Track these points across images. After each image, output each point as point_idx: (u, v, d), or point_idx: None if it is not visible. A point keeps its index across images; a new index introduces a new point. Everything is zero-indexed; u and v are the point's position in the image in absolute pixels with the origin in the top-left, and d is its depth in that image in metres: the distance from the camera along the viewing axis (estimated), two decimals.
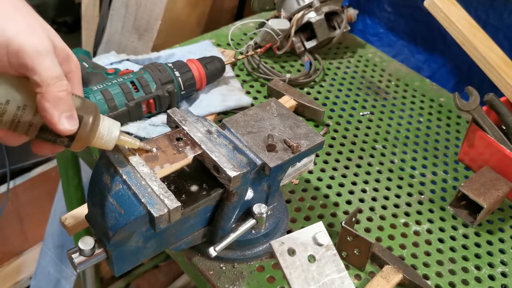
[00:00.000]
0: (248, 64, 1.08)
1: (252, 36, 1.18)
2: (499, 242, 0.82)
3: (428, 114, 1.07)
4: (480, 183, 0.83)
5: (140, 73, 0.84)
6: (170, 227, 0.58)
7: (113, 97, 0.79)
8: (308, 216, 0.80)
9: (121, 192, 0.54)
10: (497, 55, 0.95)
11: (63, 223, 0.71)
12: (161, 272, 1.66)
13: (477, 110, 0.89)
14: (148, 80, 0.83)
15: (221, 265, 0.71)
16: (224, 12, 1.66)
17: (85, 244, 0.57)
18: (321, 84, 1.10)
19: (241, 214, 0.68)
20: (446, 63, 1.21)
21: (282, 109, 0.72)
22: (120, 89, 0.81)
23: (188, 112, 0.66)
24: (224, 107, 0.92)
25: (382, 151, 0.96)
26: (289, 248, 0.60)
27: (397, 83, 1.14)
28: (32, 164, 1.61)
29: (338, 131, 0.98)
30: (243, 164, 0.60)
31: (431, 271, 0.75)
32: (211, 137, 0.62)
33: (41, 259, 1.50)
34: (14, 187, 1.52)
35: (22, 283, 1.62)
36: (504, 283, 0.76)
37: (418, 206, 0.86)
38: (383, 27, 1.29)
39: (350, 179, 0.88)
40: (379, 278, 0.70)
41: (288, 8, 1.10)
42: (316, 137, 0.68)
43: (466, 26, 0.96)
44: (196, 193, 0.61)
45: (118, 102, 0.80)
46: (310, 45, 1.13)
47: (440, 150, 0.99)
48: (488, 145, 0.88)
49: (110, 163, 0.56)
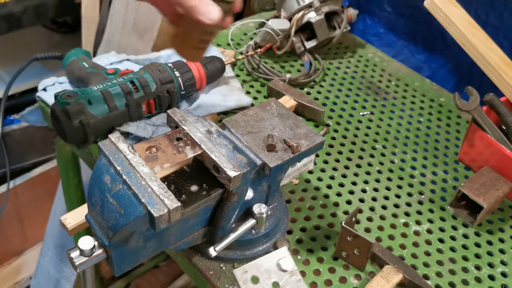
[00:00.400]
0: (248, 64, 1.08)
1: (252, 36, 1.18)
2: (499, 242, 0.82)
3: (428, 114, 1.07)
4: (480, 183, 0.83)
5: (140, 73, 0.84)
6: (170, 227, 0.58)
7: (112, 97, 0.79)
8: (308, 216, 0.80)
9: (121, 192, 0.54)
10: (497, 55, 0.95)
11: (63, 223, 0.71)
12: (161, 272, 1.66)
13: (477, 110, 0.89)
14: (148, 80, 0.83)
15: (221, 265, 0.71)
16: None
17: (85, 244, 0.57)
18: (321, 84, 1.10)
19: (241, 214, 0.68)
20: (446, 63, 1.21)
21: (282, 109, 0.72)
22: (120, 89, 0.80)
23: (188, 112, 0.66)
24: (224, 107, 0.92)
25: (382, 151, 0.96)
26: (252, 276, 0.59)
27: (397, 83, 1.14)
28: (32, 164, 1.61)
29: (338, 131, 0.98)
30: (243, 164, 0.60)
31: (431, 271, 0.75)
32: (211, 137, 0.62)
33: (41, 259, 1.50)
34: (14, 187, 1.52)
35: (22, 283, 1.62)
36: (504, 283, 0.76)
37: (418, 206, 0.86)
38: (383, 27, 1.29)
39: (350, 179, 0.88)
40: (379, 278, 0.70)
41: (288, 8, 1.10)
42: (316, 137, 0.68)
43: (466, 26, 0.96)
44: (196, 193, 0.61)
45: (118, 102, 0.80)
46: (310, 45, 1.13)
47: (440, 150, 0.99)
48: (488, 145, 0.88)
49: (110, 163, 0.56)
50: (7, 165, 1.43)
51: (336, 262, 0.74)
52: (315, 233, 0.78)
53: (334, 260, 0.74)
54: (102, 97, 0.79)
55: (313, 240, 0.77)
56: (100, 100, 0.78)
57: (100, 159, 0.58)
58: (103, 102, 0.79)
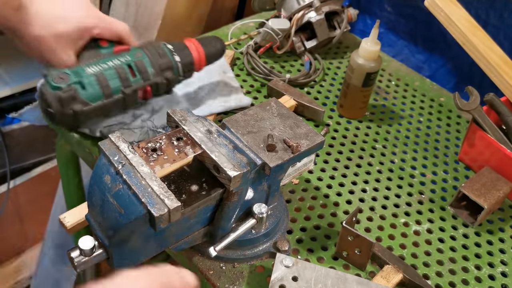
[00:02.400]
0: (248, 64, 1.08)
1: (252, 36, 1.18)
2: (499, 242, 0.82)
3: (428, 114, 1.07)
4: (481, 184, 0.83)
5: (138, 56, 0.77)
6: (170, 227, 0.58)
7: (109, 83, 0.74)
8: (308, 216, 0.80)
9: (121, 192, 0.54)
10: (498, 55, 0.95)
11: (61, 221, 0.70)
12: None
13: (477, 110, 0.89)
14: (147, 65, 0.77)
15: (221, 264, 0.71)
16: (224, 12, 1.65)
17: (85, 244, 0.57)
18: (321, 84, 1.10)
19: (241, 214, 0.68)
20: (446, 63, 1.21)
21: (282, 108, 0.72)
22: (117, 74, 0.75)
23: (188, 111, 0.66)
24: (224, 107, 0.92)
25: (382, 151, 0.96)
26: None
27: (397, 83, 1.14)
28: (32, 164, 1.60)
29: (338, 131, 0.98)
30: (243, 164, 0.60)
31: (431, 271, 0.75)
32: (211, 137, 0.62)
33: (41, 259, 1.50)
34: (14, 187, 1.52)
35: (22, 283, 1.62)
36: (504, 283, 0.76)
37: (418, 206, 0.86)
38: (383, 27, 1.29)
39: (350, 179, 0.88)
40: (379, 278, 0.70)
41: (288, 8, 1.10)
42: (316, 137, 0.68)
43: (466, 25, 0.96)
44: (196, 193, 0.61)
45: (114, 89, 0.74)
46: (310, 45, 1.13)
47: (440, 150, 0.99)
48: (488, 145, 0.88)
49: (110, 163, 0.56)
50: (7, 165, 1.43)
51: (336, 262, 0.74)
52: (315, 232, 0.78)
53: (334, 260, 0.74)
54: (97, 83, 0.73)
55: (313, 240, 0.77)
56: (95, 86, 0.73)
57: (100, 159, 0.58)
58: (98, 89, 0.73)
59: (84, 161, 0.99)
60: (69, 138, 0.91)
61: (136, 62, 0.77)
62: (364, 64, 0.93)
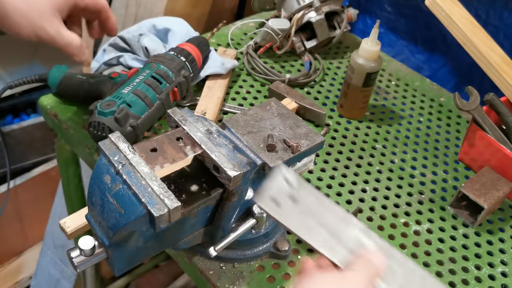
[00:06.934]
0: (248, 64, 1.08)
1: (252, 36, 1.18)
2: (499, 242, 0.82)
3: (428, 114, 1.07)
4: (481, 184, 0.83)
5: (154, 67, 0.85)
6: (170, 227, 0.58)
7: (146, 94, 0.81)
8: None
9: (121, 192, 0.54)
10: (498, 55, 0.95)
11: (61, 227, 0.69)
12: (161, 272, 1.66)
13: (477, 110, 0.89)
14: (166, 70, 0.86)
15: (221, 264, 0.71)
16: (224, 12, 1.66)
17: (85, 244, 0.57)
18: (321, 84, 1.10)
19: (241, 214, 0.68)
20: (446, 63, 1.21)
21: (282, 109, 0.72)
22: (148, 86, 0.82)
23: (188, 111, 0.66)
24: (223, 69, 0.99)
25: (382, 151, 0.96)
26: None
27: (397, 83, 1.14)
28: (32, 164, 1.60)
29: (338, 131, 0.98)
30: (243, 163, 0.60)
31: (431, 270, 0.75)
32: (211, 137, 0.62)
33: (41, 259, 1.50)
34: (14, 187, 1.52)
35: (22, 283, 1.62)
36: (504, 283, 0.76)
37: (418, 206, 0.86)
38: (383, 27, 1.29)
39: (350, 179, 0.88)
40: None
41: (288, 8, 1.10)
42: (316, 137, 0.68)
43: (467, 25, 0.96)
44: (196, 193, 0.61)
45: (152, 98, 0.82)
46: (310, 45, 1.13)
47: (440, 150, 0.99)
48: (488, 145, 0.88)
49: (110, 162, 0.56)
50: (7, 165, 1.43)
51: None
52: None
53: None
54: (137, 97, 0.80)
55: None
56: (138, 101, 0.80)
57: (100, 159, 0.58)
58: (141, 102, 0.80)
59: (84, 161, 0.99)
60: (69, 138, 0.91)
61: (156, 71, 0.85)
62: (364, 64, 0.93)
